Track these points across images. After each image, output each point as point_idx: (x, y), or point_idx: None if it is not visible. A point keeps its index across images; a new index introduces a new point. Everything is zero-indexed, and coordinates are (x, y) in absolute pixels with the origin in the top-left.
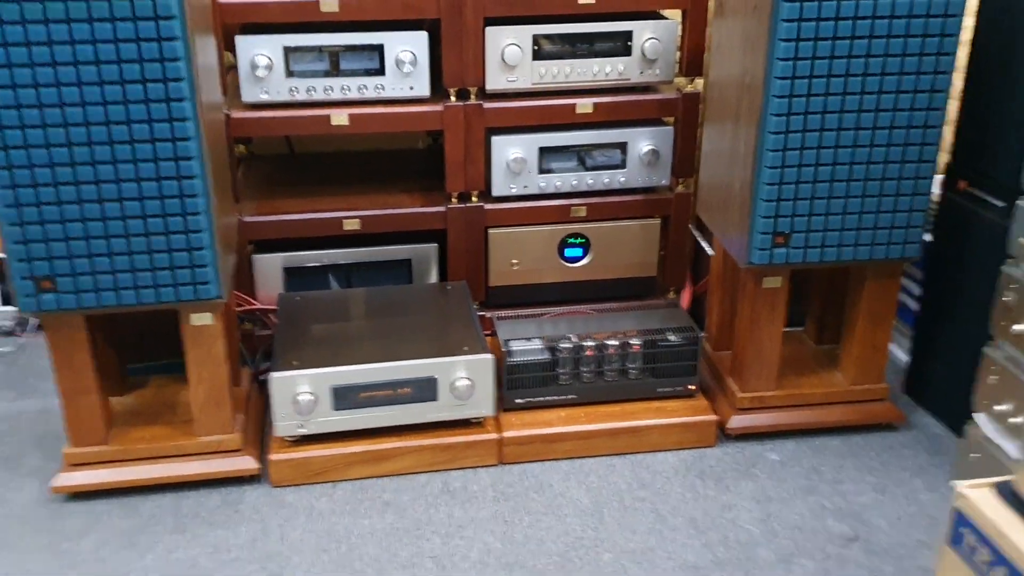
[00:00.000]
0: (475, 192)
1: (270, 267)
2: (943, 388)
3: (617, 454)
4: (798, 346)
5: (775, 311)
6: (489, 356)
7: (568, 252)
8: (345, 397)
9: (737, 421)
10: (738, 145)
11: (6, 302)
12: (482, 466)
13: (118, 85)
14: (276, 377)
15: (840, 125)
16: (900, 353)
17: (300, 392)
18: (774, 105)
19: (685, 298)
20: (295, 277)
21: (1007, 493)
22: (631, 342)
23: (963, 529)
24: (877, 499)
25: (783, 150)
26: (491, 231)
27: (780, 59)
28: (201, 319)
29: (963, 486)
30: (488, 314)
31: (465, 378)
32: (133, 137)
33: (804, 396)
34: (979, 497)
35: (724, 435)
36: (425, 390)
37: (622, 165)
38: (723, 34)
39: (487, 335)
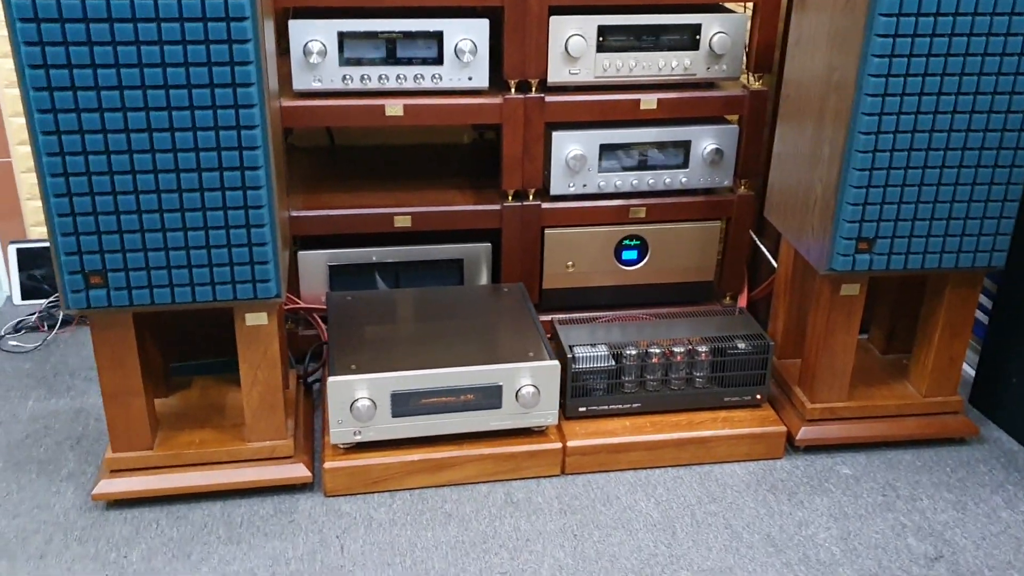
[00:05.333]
0: (532, 190)
1: (315, 265)
2: (1016, 402)
3: (683, 465)
4: (863, 355)
5: (851, 319)
6: (555, 363)
7: (625, 255)
8: (405, 403)
9: (806, 432)
10: (821, 146)
11: (27, 296)
12: (545, 476)
13: (182, 67)
14: (334, 382)
15: (933, 127)
16: (965, 365)
17: (358, 398)
18: (867, 104)
19: (741, 303)
20: (340, 275)
21: None
22: (699, 349)
23: None
24: (957, 517)
25: (873, 151)
26: (547, 231)
27: (876, 56)
28: (257, 319)
29: None
30: (544, 317)
31: (530, 385)
32: (196, 124)
33: (876, 408)
34: None
35: (792, 447)
36: (490, 397)
37: (684, 165)
38: (805, 29)
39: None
